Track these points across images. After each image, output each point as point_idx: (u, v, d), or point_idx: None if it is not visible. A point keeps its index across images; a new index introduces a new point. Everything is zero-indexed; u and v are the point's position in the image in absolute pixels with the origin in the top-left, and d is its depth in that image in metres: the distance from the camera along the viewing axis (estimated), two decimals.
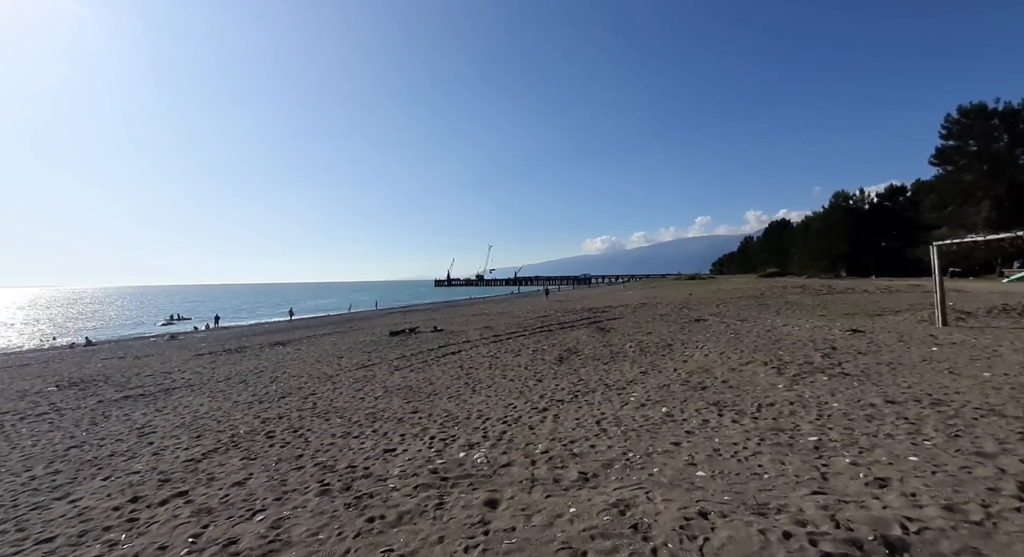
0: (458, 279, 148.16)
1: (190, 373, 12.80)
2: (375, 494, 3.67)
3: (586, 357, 9.83)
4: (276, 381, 10.51)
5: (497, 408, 6.42)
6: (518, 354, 11.30)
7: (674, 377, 7.15)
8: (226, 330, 33.32)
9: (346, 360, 12.94)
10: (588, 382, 7.47)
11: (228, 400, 8.82)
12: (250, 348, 18.54)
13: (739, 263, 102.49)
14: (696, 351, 9.20)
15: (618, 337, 12.42)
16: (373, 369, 11.09)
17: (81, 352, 21.71)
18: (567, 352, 10.63)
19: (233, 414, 7.58)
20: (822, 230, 67.39)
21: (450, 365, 10.70)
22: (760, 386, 6.08)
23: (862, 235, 63.03)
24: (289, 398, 8.53)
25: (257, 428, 6.49)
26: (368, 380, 9.67)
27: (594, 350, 10.67)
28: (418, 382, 8.98)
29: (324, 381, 10.00)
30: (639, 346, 10.54)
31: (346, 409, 7.23)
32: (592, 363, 9.19)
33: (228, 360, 15.11)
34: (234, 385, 10.44)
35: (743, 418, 4.84)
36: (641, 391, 6.48)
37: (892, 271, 53.15)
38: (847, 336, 9.44)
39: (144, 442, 6.22)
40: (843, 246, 63.98)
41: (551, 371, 8.82)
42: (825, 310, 15.16)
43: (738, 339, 10.17)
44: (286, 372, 11.64)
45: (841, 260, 64.89)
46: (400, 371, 10.54)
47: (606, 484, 3.39)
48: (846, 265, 64.28)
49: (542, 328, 16.80)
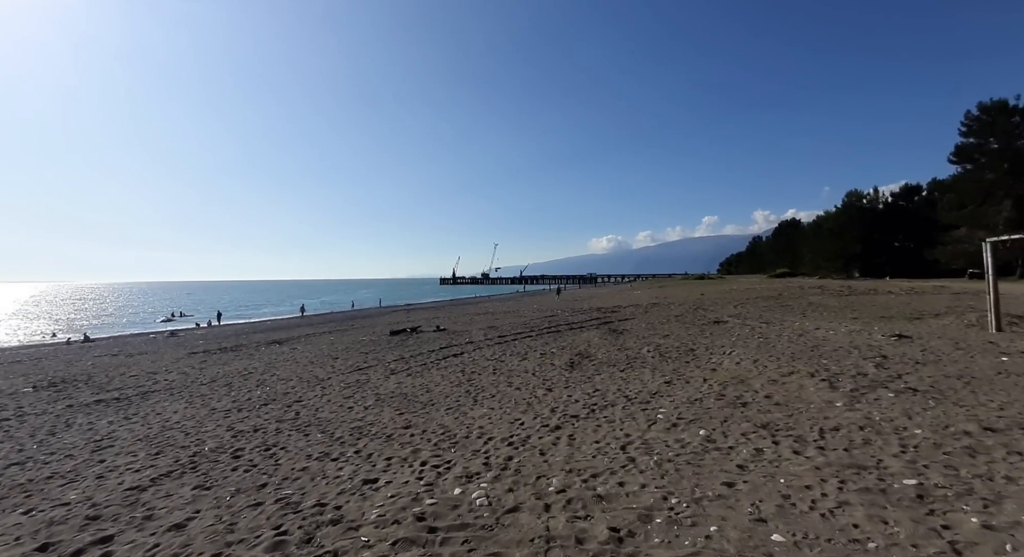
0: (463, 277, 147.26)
1: (176, 374, 12.04)
2: (340, 553, 2.79)
3: (600, 362, 8.91)
4: (262, 385, 9.69)
5: (501, 424, 5.53)
6: (524, 357, 10.41)
7: (705, 389, 6.22)
8: (227, 327, 32.71)
9: (341, 362, 12.11)
10: (605, 393, 6.55)
11: (206, 407, 8.00)
12: (246, 347, 17.79)
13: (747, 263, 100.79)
14: (724, 358, 8.25)
15: (633, 340, 11.49)
16: (368, 372, 10.24)
17: (76, 349, 21.08)
18: (578, 356, 9.71)
19: (205, 425, 6.75)
20: (835, 230, 65.84)
21: (451, 369, 9.83)
22: (813, 403, 5.14)
23: (876, 235, 61.51)
24: (271, 406, 7.69)
25: (226, 444, 5.64)
26: (360, 386, 8.82)
27: (608, 354, 9.75)
28: (414, 389, 8.11)
29: (313, 386, 9.16)
30: (658, 350, 9.61)
31: (330, 421, 6.36)
32: (607, 370, 8.27)
33: (220, 360, 14.34)
34: (217, 389, 9.63)
35: (805, 447, 3.92)
36: (669, 406, 5.56)
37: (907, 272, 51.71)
38: (893, 342, 8.46)
39: (95, 460, 5.38)
40: (856, 246, 62.50)
41: (562, 379, 7.91)
42: (855, 312, 14.13)
43: (769, 344, 9.21)
44: (275, 374, 10.82)
45: (854, 260, 63.40)
46: (396, 375, 9.68)
47: (649, 552, 2.49)
48: (859, 265, 62.81)
49: (550, 329, 15.89)
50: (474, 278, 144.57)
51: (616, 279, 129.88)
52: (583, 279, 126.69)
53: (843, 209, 65.14)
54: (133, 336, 28.70)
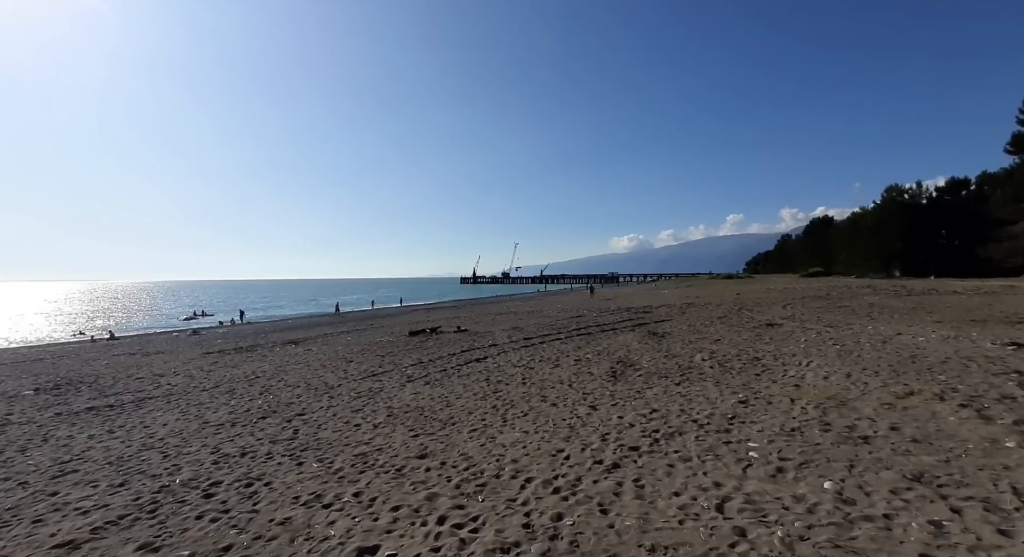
0: (484, 277, 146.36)
1: (183, 376, 11.29)
2: None
3: (648, 372, 7.63)
4: (267, 392, 8.77)
5: (540, 457, 4.36)
6: (556, 364, 9.21)
7: (798, 414, 4.90)
8: (248, 326, 32.48)
9: (355, 366, 11.14)
10: (666, 415, 5.29)
11: (199, 419, 7.08)
12: (261, 347, 17.10)
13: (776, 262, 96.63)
14: (804, 370, 6.86)
15: (679, 345, 10.15)
16: (382, 379, 9.21)
17: (99, 347, 20.84)
18: (620, 364, 8.44)
19: (191, 443, 5.79)
20: (874, 226, 62.20)
21: (473, 377, 8.71)
22: (970, 442, 3.78)
23: (919, 232, 57.83)
24: (270, 420, 6.70)
25: (203, 474, 4.62)
26: (372, 395, 7.78)
27: (655, 362, 8.46)
28: (432, 402, 7.01)
29: (321, 394, 8.17)
30: (713, 358, 8.26)
31: (331, 444, 5.30)
32: (659, 382, 6.99)
33: (231, 361, 13.60)
34: (218, 396, 8.75)
35: (1010, 521, 2.63)
36: (760, 438, 4.29)
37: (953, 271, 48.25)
38: (1013, 353, 6.93)
39: (47, 492, 4.44)
40: (898, 244, 58.86)
41: (605, 392, 6.67)
42: (931, 314, 12.41)
43: (851, 353, 7.76)
44: (283, 380, 9.91)
45: (895, 259, 59.78)
46: (413, 383, 8.62)
47: None
48: (900, 264, 59.20)
49: (579, 330, 14.63)
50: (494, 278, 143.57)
51: (639, 278, 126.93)
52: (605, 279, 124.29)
53: (883, 205, 61.52)
54: (157, 334, 28.61)
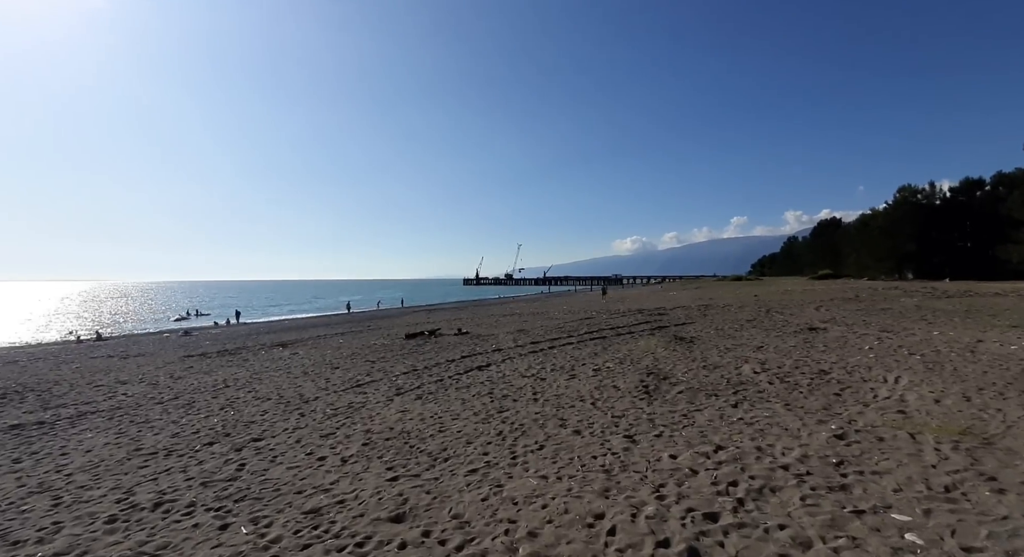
0: (487, 278, 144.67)
1: (147, 384, 9.96)
2: None
3: (690, 388, 6.18)
4: (230, 406, 7.40)
5: (571, 528, 2.95)
6: (572, 374, 7.78)
7: (932, 457, 3.45)
8: (243, 326, 31.23)
9: (340, 373, 9.76)
10: (739, 456, 3.82)
11: (134, 443, 5.71)
12: (247, 350, 15.77)
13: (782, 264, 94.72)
14: (898, 388, 5.39)
15: (715, 352, 8.70)
16: (367, 391, 7.81)
17: (81, 349, 19.60)
18: (651, 376, 6.99)
19: (101, 483, 4.42)
20: (886, 228, 60.48)
21: (474, 390, 7.30)
22: None
23: (933, 233, 56.15)
24: (217, 447, 5.32)
25: (80, 544, 3.23)
26: (351, 413, 6.38)
27: (693, 374, 7.01)
28: (422, 424, 5.60)
29: (291, 411, 6.79)
30: (767, 370, 6.82)
31: (280, 491, 3.91)
32: (708, 402, 5.55)
33: (208, 366, 12.25)
34: (173, 410, 7.39)
35: None
36: (903, 504, 2.86)
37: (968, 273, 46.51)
38: None
39: None
40: (911, 245, 57.16)
41: (640, 414, 5.24)
42: (995, 318, 10.93)
43: (940, 366, 6.30)
44: (254, 391, 8.54)
45: (908, 261, 58.10)
46: (402, 397, 7.22)
47: None
48: (913, 266, 57.51)
49: (592, 334, 13.20)
50: (497, 279, 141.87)
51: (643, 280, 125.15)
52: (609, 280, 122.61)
53: (895, 205, 59.83)
54: (146, 335, 27.33)
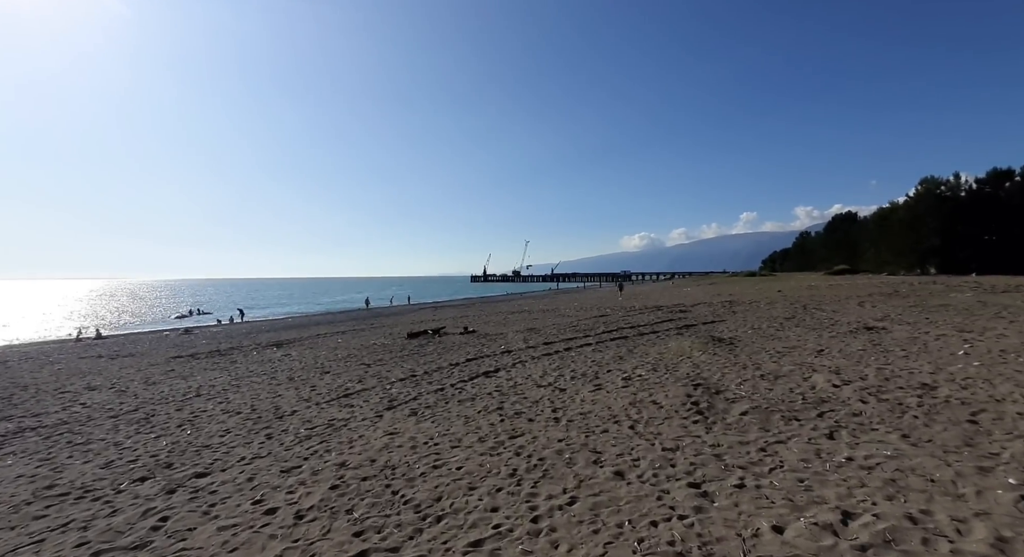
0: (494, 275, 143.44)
1: (115, 391, 9.10)
2: None
3: (756, 407, 4.98)
4: (191, 422, 6.42)
5: None
6: (597, 384, 6.66)
7: None
8: (246, 324, 30.51)
9: (329, 379, 8.74)
10: (894, 540, 2.62)
11: (50, 478, 4.76)
12: (240, 349, 14.89)
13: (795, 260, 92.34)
14: None
15: (765, 357, 7.51)
16: (354, 404, 6.76)
17: (78, 347, 18.92)
18: (699, 389, 5.79)
19: None
20: (908, 221, 58.34)
21: (480, 403, 6.20)
22: None
23: (959, 227, 53.96)
24: (149, 485, 4.31)
25: None
26: (328, 436, 5.32)
27: (750, 385, 5.83)
28: (412, 454, 4.51)
29: (257, 431, 5.75)
30: (846, 382, 5.62)
31: None
32: (787, 427, 4.39)
33: (191, 369, 11.34)
34: (123, 427, 6.43)
35: None
36: None
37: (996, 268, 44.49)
38: None
39: None
40: (934, 239, 55.05)
41: (702, 448, 4.07)
42: None
43: None
44: (226, 401, 7.55)
45: (932, 255, 55.99)
46: (394, 411, 6.16)
47: None
48: (937, 261, 55.37)
49: (611, 333, 12.05)
50: (505, 276, 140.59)
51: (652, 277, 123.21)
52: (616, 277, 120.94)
53: (918, 198, 57.65)
54: (146, 333, 26.62)
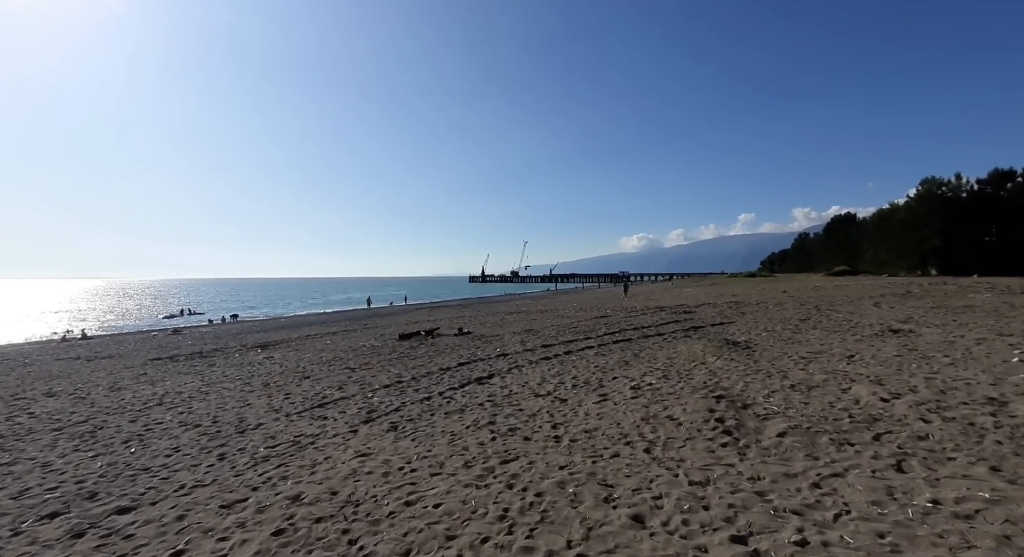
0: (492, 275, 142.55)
1: (73, 398, 8.38)
2: None
3: (796, 427, 4.23)
4: (140, 437, 5.68)
5: None
6: (603, 394, 5.91)
7: None
8: (236, 325, 29.76)
9: (308, 386, 7.98)
10: None
11: None
12: (222, 351, 14.10)
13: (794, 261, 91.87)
14: None
15: (789, 363, 6.76)
16: (328, 415, 6.01)
17: (60, 348, 18.14)
18: (722, 402, 5.04)
19: None
20: (909, 222, 57.86)
21: (470, 416, 5.45)
22: None
23: (960, 228, 53.51)
24: (56, 524, 3.58)
25: None
26: (289, 458, 4.57)
27: (782, 397, 5.09)
28: (383, 484, 3.76)
29: (211, 449, 4.99)
30: (895, 395, 4.88)
31: None
32: (840, 454, 3.66)
33: (165, 372, 10.59)
34: (62, 444, 5.69)
35: None
36: None
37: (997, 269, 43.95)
38: None
39: None
40: (935, 240, 54.58)
41: (739, 481, 3.30)
42: None
43: None
44: (188, 410, 6.81)
45: (932, 256, 55.52)
46: (371, 425, 5.39)
47: None
48: (938, 262, 54.90)
49: (613, 335, 11.30)
50: (503, 276, 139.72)
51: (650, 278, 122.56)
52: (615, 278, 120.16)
53: (919, 198, 57.18)
54: (133, 334, 25.78)
